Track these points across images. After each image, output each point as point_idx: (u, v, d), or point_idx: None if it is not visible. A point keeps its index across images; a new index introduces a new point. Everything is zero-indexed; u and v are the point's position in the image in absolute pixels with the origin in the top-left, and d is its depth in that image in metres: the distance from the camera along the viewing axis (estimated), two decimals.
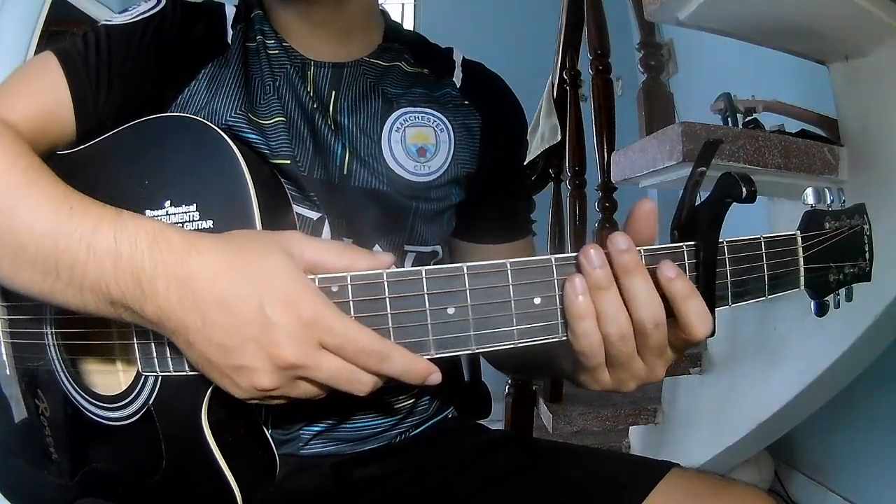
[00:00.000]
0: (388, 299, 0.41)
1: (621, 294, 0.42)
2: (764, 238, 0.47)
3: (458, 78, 0.71)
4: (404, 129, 0.65)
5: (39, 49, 2.27)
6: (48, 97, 0.55)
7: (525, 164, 0.80)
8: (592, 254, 0.41)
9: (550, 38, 2.15)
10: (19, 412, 0.59)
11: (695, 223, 0.44)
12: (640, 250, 0.42)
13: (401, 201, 0.63)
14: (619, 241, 0.41)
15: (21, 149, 0.48)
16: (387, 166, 0.63)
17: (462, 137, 0.67)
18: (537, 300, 0.42)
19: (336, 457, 0.65)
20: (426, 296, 0.41)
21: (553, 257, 0.42)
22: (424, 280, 0.41)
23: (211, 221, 0.47)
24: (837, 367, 1.18)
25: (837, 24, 1.06)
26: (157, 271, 0.40)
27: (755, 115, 1.37)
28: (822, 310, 0.51)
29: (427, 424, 0.72)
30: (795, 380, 1.26)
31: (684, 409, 1.61)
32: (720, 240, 0.44)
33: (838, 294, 0.52)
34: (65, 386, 0.55)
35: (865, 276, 0.53)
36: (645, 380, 0.45)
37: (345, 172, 0.62)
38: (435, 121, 0.66)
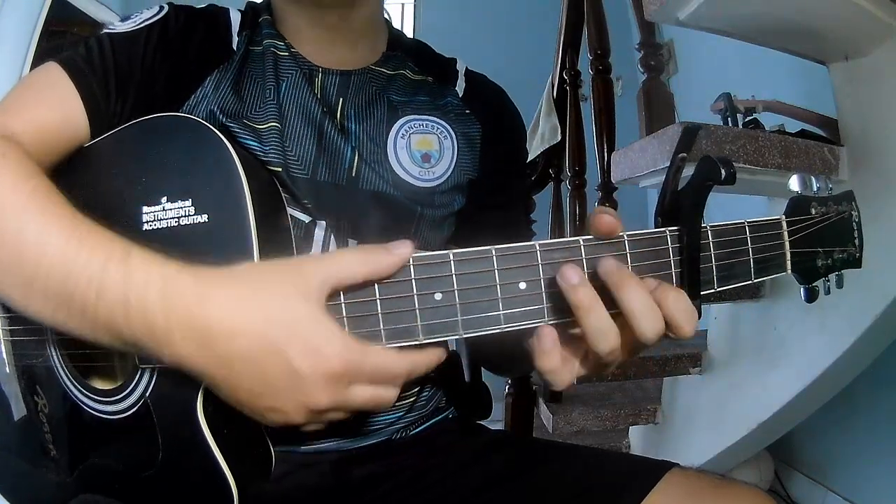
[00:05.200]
0: (376, 286, 0.42)
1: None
2: (748, 223, 0.47)
3: (460, 87, 0.72)
4: (409, 136, 0.66)
5: (39, 49, 2.27)
6: (59, 106, 0.54)
7: (525, 164, 0.80)
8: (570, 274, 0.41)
9: (550, 38, 2.15)
10: (18, 410, 0.59)
11: (678, 208, 0.44)
12: (623, 236, 0.43)
13: (407, 206, 0.64)
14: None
15: (28, 169, 0.47)
16: (393, 172, 0.64)
17: (464, 145, 0.68)
18: (522, 285, 0.43)
19: (336, 454, 0.65)
20: (413, 281, 0.42)
21: (537, 243, 0.43)
22: (412, 266, 0.42)
23: (206, 216, 0.47)
24: (837, 367, 1.18)
25: (837, 24, 1.06)
26: (170, 323, 0.40)
27: (755, 115, 1.37)
28: (811, 295, 0.51)
29: (427, 424, 0.72)
30: (795, 380, 1.26)
31: (684, 408, 1.60)
32: (704, 225, 0.45)
33: (828, 280, 0.52)
34: (63, 382, 0.55)
35: (855, 262, 0.53)
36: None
37: (353, 175, 0.62)
38: (438, 128, 0.67)
